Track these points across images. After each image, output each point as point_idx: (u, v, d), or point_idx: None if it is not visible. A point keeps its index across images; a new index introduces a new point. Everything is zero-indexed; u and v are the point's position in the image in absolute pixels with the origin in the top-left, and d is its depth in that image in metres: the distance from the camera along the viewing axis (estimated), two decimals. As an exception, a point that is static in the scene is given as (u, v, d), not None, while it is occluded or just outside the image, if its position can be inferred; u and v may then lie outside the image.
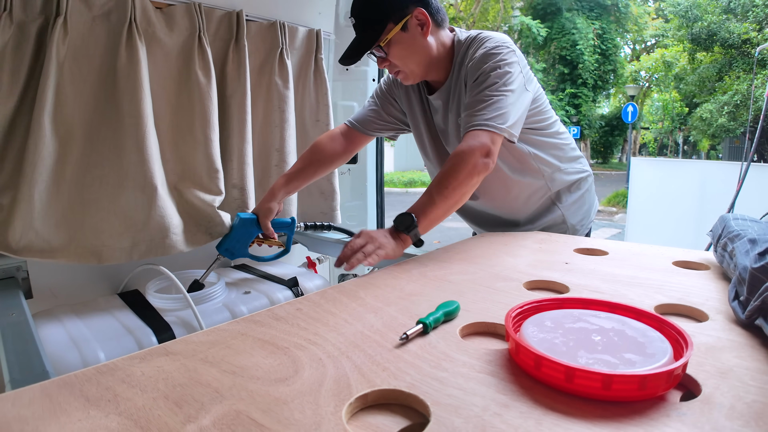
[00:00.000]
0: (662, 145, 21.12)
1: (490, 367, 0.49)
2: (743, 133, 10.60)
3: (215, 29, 1.38)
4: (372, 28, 1.06)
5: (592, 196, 1.35)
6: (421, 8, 1.06)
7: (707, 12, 11.03)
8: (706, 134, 11.66)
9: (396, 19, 1.05)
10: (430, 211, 0.97)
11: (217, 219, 1.32)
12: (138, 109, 1.15)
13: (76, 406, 0.43)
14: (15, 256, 1.07)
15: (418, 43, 1.08)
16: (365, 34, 1.07)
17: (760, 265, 0.56)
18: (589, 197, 1.33)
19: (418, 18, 1.06)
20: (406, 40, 1.07)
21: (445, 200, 0.97)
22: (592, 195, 1.35)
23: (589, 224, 1.34)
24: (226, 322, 0.63)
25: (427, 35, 1.08)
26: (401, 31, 1.06)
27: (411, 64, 1.11)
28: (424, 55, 1.10)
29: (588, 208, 1.33)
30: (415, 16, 1.06)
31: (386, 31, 1.05)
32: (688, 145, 19.34)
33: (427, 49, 1.10)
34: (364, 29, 1.08)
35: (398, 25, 1.05)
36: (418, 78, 1.15)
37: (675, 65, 13.87)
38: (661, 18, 17.90)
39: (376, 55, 1.10)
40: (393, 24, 1.05)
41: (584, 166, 1.32)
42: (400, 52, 1.08)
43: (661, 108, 15.89)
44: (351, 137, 1.35)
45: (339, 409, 0.41)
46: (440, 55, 1.13)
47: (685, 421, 0.39)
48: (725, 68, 11.19)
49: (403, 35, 1.06)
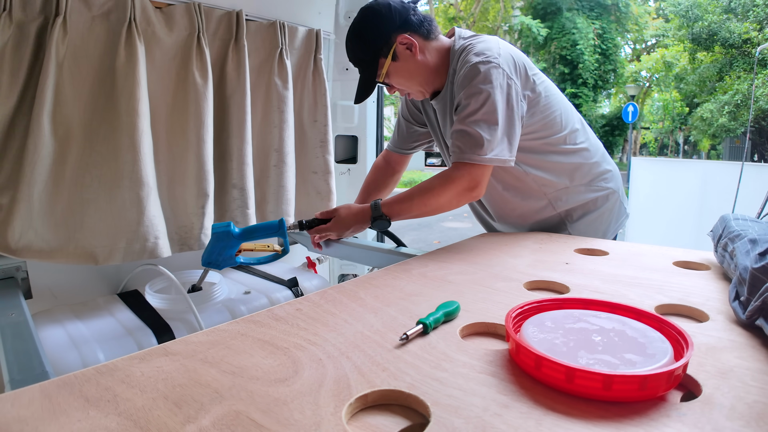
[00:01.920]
0: (663, 144, 21.11)
1: (490, 368, 0.49)
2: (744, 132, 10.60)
3: (215, 29, 1.37)
4: (367, 67, 1.13)
5: (613, 214, 1.23)
6: (403, 34, 1.09)
7: (708, 12, 11.03)
8: (707, 134, 11.66)
9: (385, 53, 1.10)
10: (404, 212, 1.10)
11: (194, 231, 1.31)
12: (135, 108, 1.15)
13: (75, 407, 0.43)
14: (14, 256, 1.07)
15: (413, 65, 1.12)
16: (365, 74, 1.14)
17: (760, 266, 0.56)
18: (608, 216, 1.22)
19: (402, 43, 1.10)
20: (400, 67, 1.12)
21: (421, 209, 1.08)
22: (615, 213, 1.24)
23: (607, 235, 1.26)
24: (226, 322, 0.62)
25: (418, 55, 1.11)
26: (393, 62, 1.11)
27: (414, 85, 1.16)
28: (423, 72, 1.14)
29: (606, 228, 1.23)
30: (399, 43, 1.09)
31: (380, 66, 1.12)
32: (688, 144, 19.33)
33: (424, 66, 1.13)
34: (363, 69, 1.14)
35: (388, 57, 1.10)
36: (428, 92, 1.20)
37: (675, 65, 13.87)
38: (661, 18, 17.90)
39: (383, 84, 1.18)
40: (383, 58, 1.11)
41: (608, 183, 1.22)
42: (400, 79, 1.14)
43: (662, 108, 15.88)
44: (391, 160, 1.46)
45: (339, 409, 0.41)
46: (438, 63, 1.15)
47: (686, 421, 0.39)
48: (726, 68, 11.19)
49: (397, 64, 1.11)
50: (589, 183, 1.19)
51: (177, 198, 1.32)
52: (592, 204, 1.20)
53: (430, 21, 1.13)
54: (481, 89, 1.01)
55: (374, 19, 1.09)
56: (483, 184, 1.05)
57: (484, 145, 1.01)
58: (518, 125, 1.06)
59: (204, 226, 1.32)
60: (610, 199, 1.21)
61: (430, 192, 1.06)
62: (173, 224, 1.32)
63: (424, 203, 1.07)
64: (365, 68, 1.14)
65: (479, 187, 1.05)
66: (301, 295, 1.29)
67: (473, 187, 1.04)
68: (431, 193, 1.06)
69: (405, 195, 1.10)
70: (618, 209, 1.25)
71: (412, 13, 1.11)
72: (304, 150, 1.64)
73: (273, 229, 1.09)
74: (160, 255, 1.20)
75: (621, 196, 1.26)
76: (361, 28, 1.10)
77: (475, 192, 1.06)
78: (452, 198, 1.05)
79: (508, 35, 19.47)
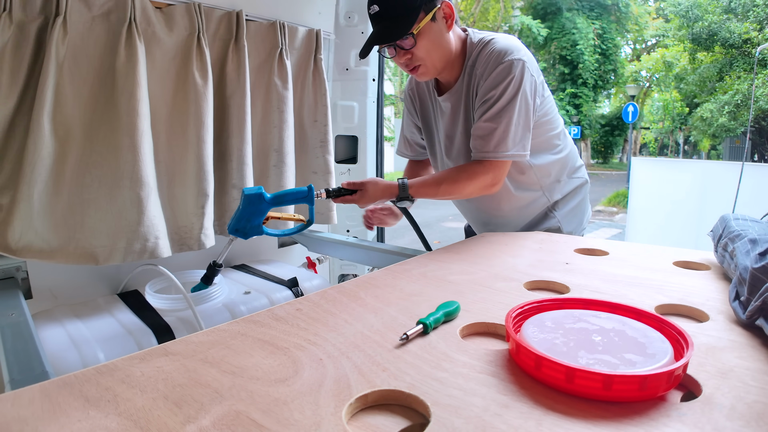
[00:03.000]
0: (663, 145, 21.11)
1: (490, 368, 0.49)
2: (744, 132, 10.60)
3: (215, 29, 1.37)
4: (404, 15, 1.03)
5: (587, 203, 1.36)
6: (448, 1, 1.07)
7: (708, 12, 11.02)
8: (707, 134, 11.66)
9: (427, 9, 1.04)
10: (428, 196, 1.15)
11: (194, 231, 1.31)
12: (135, 108, 1.15)
13: (75, 407, 0.43)
14: (14, 256, 1.07)
15: (444, 37, 1.09)
16: (395, 21, 1.03)
17: (760, 266, 0.56)
18: (584, 204, 1.34)
19: (444, 11, 1.07)
20: (435, 31, 1.07)
21: (443, 197, 1.16)
22: (587, 202, 1.37)
23: (582, 231, 1.35)
24: (226, 322, 0.62)
25: (450, 29, 1.10)
26: (431, 21, 1.05)
27: (434, 56, 1.09)
28: (447, 49, 1.11)
29: (582, 214, 1.34)
30: (443, 8, 1.06)
31: (419, 19, 1.03)
32: (688, 144, 19.33)
33: (449, 44, 1.11)
34: (394, 17, 1.04)
35: (429, 14, 1.04)
36: (436, 73, 1.15)
37: (675, 65, 13.87)
38: (661, 18, 17.90)
39: (399, 46, 1.07)
40: (424, 13, 1.04)
41: (583, 174, 1.33)
42: (428, 43, 1.07)
43: (662, 108, 15.88)
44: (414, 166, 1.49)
45: (339, 409, 0.41)
46: (456, 53, 1.14)
47: (686, 421, 0.39)
48: (726, 68, 11.19)
49: (432, 26, 1.06)
50: (571, 174, 1.29)
51: (177, 198, 1.32)
52: (572, 194, 1.30)
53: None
54: (509, 86, 1.06)
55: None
56: (503, 180, 1.13)
57: (508, 142, 1.07)
58: (532, 121, 1.11)
59: (204, 226, 1.32)
60: (585, 188, 1.33)
61: (456, 183, 1.11)
62: (173, 224, 1.32)
63: (449, 192, 1.13)
64: (398, 16, 1.03)
65: (500, 183, 1.13)
66: (301, 295, 1.29)
67: (495, 183, 1.12)
68: (457, 185, 1.11)
69: (433, 181, 1.14)
70: (588, 200, 1.37)
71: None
72: (304, 150, 1.64)
73: (302, 194, 1.09)
74: (160, 255, 1.20)
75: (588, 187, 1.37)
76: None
77: (496, 187, 1.13)
78: (474, 191, 1.12)
79: (508, 35, 19.44)
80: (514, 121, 1.06)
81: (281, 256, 1.79)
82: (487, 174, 1.10)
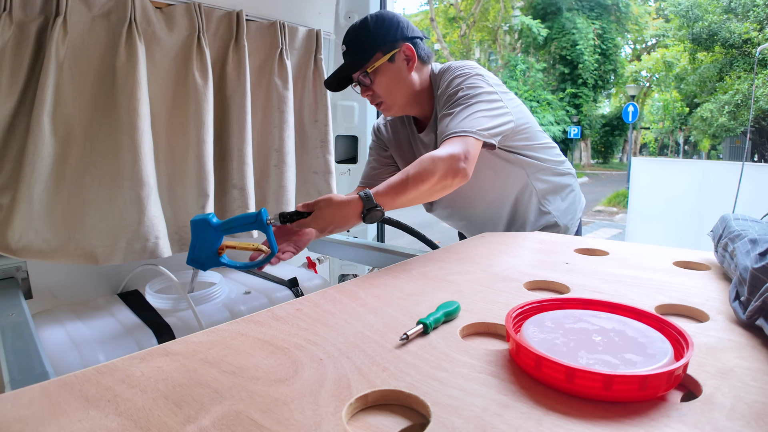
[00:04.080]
0: (663, 145, 21.12)
1: (490, 368, 0.49)
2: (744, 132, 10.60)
3: (215, 29, 1.37)
4: (361, 54, 1.12)
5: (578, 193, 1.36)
6: (409, 44, 1.13)
7: (708, 12, 11.03)
8: (707, 134, 11.66)
9: (385, 50, 1.11)
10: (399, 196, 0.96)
11: None
12: (135, 108, 1.15)
13: (75, 407, 0.43)
14: (14, 256, 1.07)
15: (403, 77, 1.14)
16: (354, 58, 1.13)
17: (760, 266, 0.56)
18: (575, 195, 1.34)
19: (405, 53, 1.13)
20: (391, 71, 1.13)
21: (416, 190, 0.96)
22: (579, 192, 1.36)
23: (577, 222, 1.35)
24: (226, 322, 0.62)
25: (412, 71, 1.15)
26: (388, 62, 1.12)
27: (394, 95, 1.16)
28: (407, 88, 1.15)
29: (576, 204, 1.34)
30: (402, 51, 1.13)
31: (374, 59, 1.11)
32: (688, 144, 19.34)
33: (411, 84, 1.15)
34: (354, 55, 1.13)
35: (386, 55, 1.11)
36: (399, 110, 1.21)
37: (676, 65, 13.88)
38: (661, 18, 17.90)
39: (361, 83, 1.15)
40: (381, 54, 1.11)
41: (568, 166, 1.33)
42: (385, 81, 1.13)
43: (662, 108, 15.89)
44: None
45: (339, 409, 0.41)
46: (423, 89, 1.18)
47: (686, 421, 0.39)
48: (726, 68, 11.19)
49: (390, 66, 1.13)
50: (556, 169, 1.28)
51: (177, 198, 1.32)
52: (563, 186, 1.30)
53: (430, 51, 1.20)
54: (464, 82, 1.09)
55: (391, 19, 1.13)
56: (474, 159, 1.00)
57: (474, 122, 1.02)
58: (502, 118, 1.08)
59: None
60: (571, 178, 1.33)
61: (423, 167, 0.96)
62: (173, 224, 1.32)
63: (420, 179, 0.95)
64: (357, 52, 1.12)
65: (472, 160, 0.99)
66: (301, 295, 1.29)
67: (467, 157, 0.98)
68: (426, 169, 0.96)
69: (397, 177, 0.97)
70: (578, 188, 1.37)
71: (422, 38, 1.17)
72: (305, 150, 1.64)
73: (250, 220, 0.95)
74: (160, 255, 1.20)
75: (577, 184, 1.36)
76: (376, 19, 1.12)
77: (468, 164, 0.98)
78: (447, 170, 0.96)
79: (508, 35, 19.48)
80: (474, 104, 1.05)
81: (281, 256, 1.78)
82: (456, 145, 0.98)
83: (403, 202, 0.97)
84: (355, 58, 1.12)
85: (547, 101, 17.95)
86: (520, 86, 17.89)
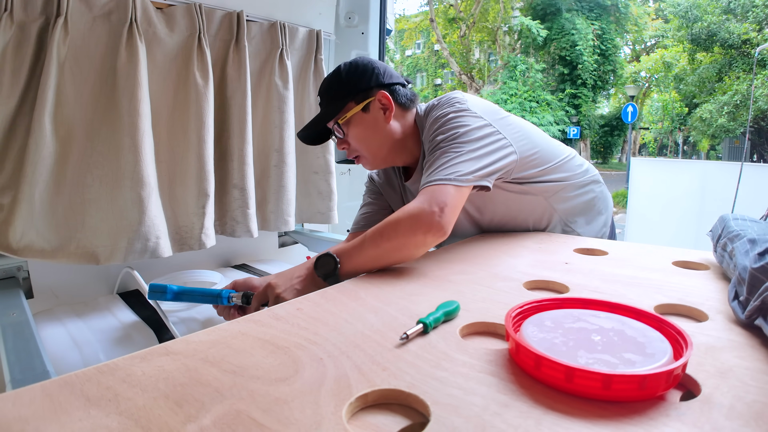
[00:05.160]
0: (662, 145, 21.13)
1: (490, 367, 0.49)
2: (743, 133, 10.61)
3: (216, 30, 1.38)
4: (333, 104, 1.03)
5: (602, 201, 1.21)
6: (385, 92, 1.02)
7: (707, 12, 11.04)
8: (706, 134, 11.67)
9: (358, 99, 1.02)
10: (356, 256, 0.85)
11: (194, 231, 1.31)
12: (136, 109, 1.15)
13: (76, 406, 0.43)
14: (15, 256, 1.07)
15: (379, 127, 1.03)
16: (326, 109, 1.04)
17: (759, 265, 0.56)
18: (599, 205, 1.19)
19: (381, 102, 1.03)
20: (366, 121, 1.03)
21: (376, 248, 0.84)
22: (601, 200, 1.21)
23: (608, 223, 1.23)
24: (226, 322, 0.63)
25: (390, 120, 1.03)
26: (362, 112, 1.02)
27: (370, 147, 1.05)
28: (386, 138, 1.04)
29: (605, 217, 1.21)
30: (378, 100, 1.02)
31: (346, 109, 1.02)
32: (687, 145, 19.35)
33: (390, 134, 1.04)
34: (326, 106, 1.05)
35: (359, 105, 1.02)
36: (382, 163, 1.10)
37: (675, 65, 13.89)
38: (660, 18, 17.92)
39: (336, 136, 1.07)
40: (354, 103, 1.02)
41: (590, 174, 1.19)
42: (359, 133, 1.03)
43: (661, 108, 15.90)
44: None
45: (339, 408, 0.42)
46: (408, 136, 1.07)
47: (685, 421, 0.39)
48: (725, 68, 11.21)
49: (364, 116, 1.03)
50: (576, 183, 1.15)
51: (178, 198, 1.32)
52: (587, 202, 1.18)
53: (414, 94, 1.09)
54: (449, 125, 0.96)
55: (366, 66, 1.03)
56: (454, 209, 0.86)
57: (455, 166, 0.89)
58: (499, 154, 0.97)
59: (205, 226, 1.32)
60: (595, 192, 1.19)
61: (386, 224, 0.85)
62: (174, 224, 1.32)
63: (379, 237, 0.84)
64: (329, 102, 1.04)
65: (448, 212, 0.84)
66: (301, 295, 1.28)
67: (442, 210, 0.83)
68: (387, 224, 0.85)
69: (357, 244, 0.87)
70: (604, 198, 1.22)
71: (402, 84, 1.06)
72: (305, 150, 1.65)
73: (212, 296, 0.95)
74: (161, 255, 1.20)
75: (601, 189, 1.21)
76: (349, 66, 1.04)
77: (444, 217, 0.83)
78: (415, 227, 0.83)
79: (508, 36, 19.49)
80: (462, 148, 0.92)
81: (281, 255, 1.79)
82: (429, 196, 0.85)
83: (364, 261, 0.85)
84: (327, 109, 1.04)
85: (546, 101, 17.96)
86: (520, 87, 17.90)
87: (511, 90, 17.97)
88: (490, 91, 18.80)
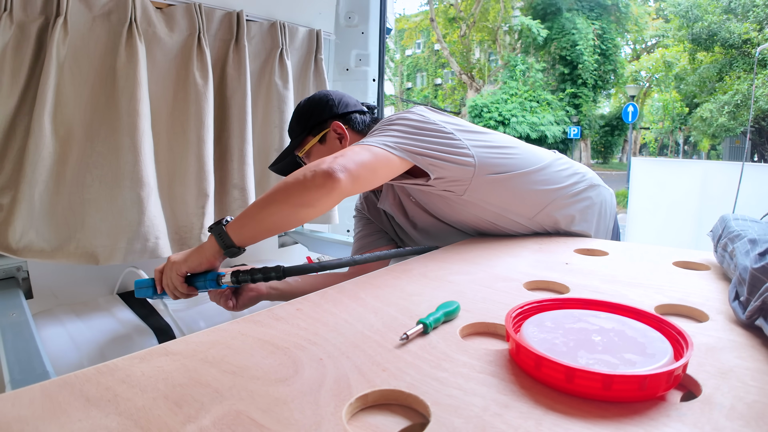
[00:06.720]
0: (663, 145, 21.13)
1: (490, 368, 0.49)
2: (743, 133, 10.61)
3: (215, 29, 1.38)
4: (295, 138, 1.12)
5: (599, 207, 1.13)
6: (338, 122, 1.08)
7: (708, 12, 11.04)
8: (707, 134, 11.66)
9: (315, 132, 1.10)
10: (245, 213, 0.81)
11: (194, 231, 1.31)
12: (135, 108, 1.15)
13: (76, 406, 0.43)
14: (15, 256, 1.07)
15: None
16: (291, 144, 1.13)
17: (760, 266, 0.56)
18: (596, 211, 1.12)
19: (336, 131, 1.08)
20: (322, 152, 1.08)
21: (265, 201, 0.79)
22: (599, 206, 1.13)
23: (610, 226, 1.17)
24: (226, 322, 0.62)
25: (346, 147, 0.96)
26: (319, 144, 1.10)
27: None
28: None
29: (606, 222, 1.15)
30: (333, 130, 1.09)
31: (305, 142, 1.10)
32: (688, 145, 19.34)
33: None
34: (292, 141, 1.13)
35: (316, 137, 1.09)
36: None
37: (675, 65, 13.89)
38: (661, 18, 17.91)
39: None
40: (311, 136, 1.10)
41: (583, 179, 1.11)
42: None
43: (662, 108, 15.89)
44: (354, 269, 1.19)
45: (339, 409, 0.41)
46: None
47: (686, 421, 0.39)
48: (726, 68, 11.20)
49: (321, 147, 1.10)
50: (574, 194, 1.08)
51: (177, 198, 1.32)
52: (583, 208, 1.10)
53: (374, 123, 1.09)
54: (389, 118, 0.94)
55: (321, 99, 1.11)
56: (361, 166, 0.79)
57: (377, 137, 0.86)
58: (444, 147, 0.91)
59: (204, 226, 1.32)
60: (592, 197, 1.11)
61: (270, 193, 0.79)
62: (173, 224, 1.32)
63: (268, 197, 0.79)
64: (293, 137, 1.13)
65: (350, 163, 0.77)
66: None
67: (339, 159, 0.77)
68: (277, 186, 0.79)
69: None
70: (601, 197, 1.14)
71: (360, 113, 1.11)
72: (305, 150, 1.65)
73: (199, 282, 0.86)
74: (160, 255, 1.20)
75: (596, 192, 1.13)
76: (308, 102, 1.12)
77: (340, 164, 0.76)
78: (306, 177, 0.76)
79: (508, 35, 19.48)
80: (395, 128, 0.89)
81: (281, 256, 1.79)
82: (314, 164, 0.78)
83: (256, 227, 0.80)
84: (291, 144, 1.13)
85: (546, 101, 17.96)
86: (520, 86, 17.90)
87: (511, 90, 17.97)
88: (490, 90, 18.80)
